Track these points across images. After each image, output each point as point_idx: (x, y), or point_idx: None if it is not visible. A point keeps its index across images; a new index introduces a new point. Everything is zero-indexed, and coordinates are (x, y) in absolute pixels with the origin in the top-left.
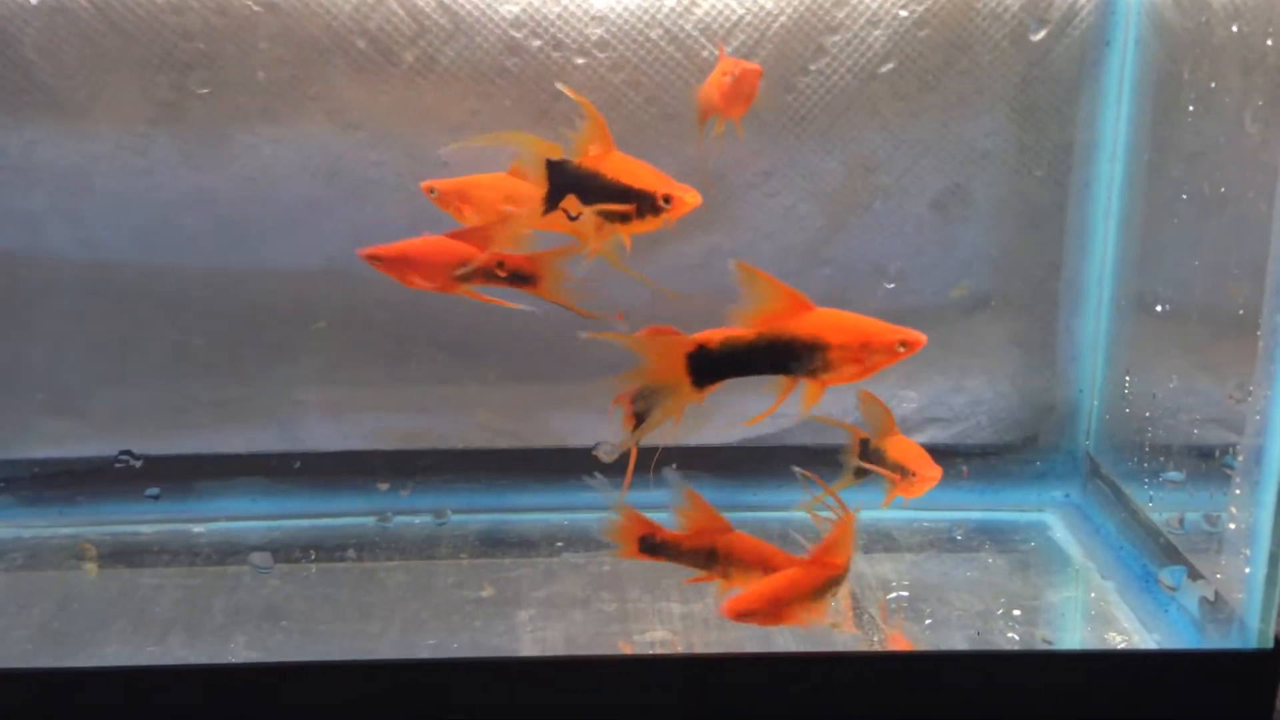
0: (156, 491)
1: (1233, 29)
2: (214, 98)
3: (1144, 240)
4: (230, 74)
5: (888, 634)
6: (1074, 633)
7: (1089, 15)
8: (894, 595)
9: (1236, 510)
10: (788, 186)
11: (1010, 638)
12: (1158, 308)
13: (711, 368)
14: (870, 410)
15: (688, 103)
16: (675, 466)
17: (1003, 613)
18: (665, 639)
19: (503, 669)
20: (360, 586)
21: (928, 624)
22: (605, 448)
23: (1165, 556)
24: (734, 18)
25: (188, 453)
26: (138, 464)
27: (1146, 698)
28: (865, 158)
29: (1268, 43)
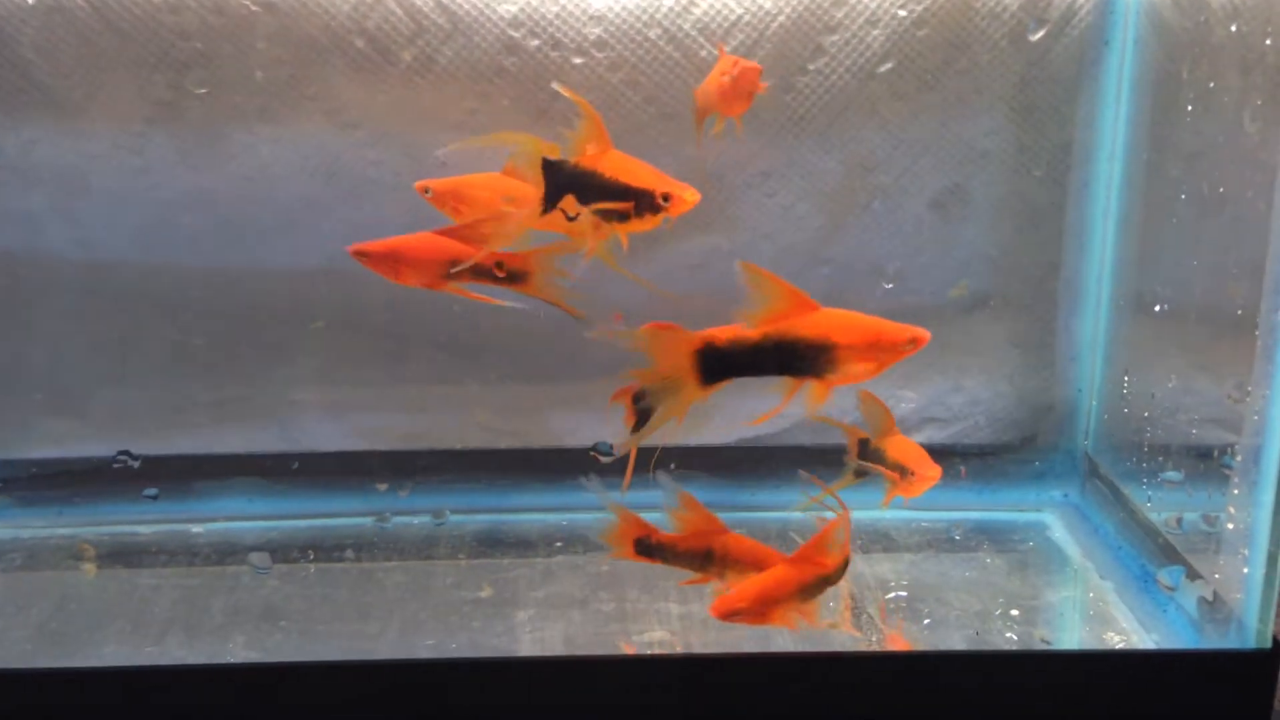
0: (155, 492)
1: (1231, 28)
2: (211, 97)
3: (1143, 240)
4: (228, 73)
5: (886, 634)
6: (1072, 633)
7: (1088, 15)
8: (892, 595)
9: (1235, 510)
10: (786, 186)
11: (1009, 638)
12: (1156, 307)
13: (719, 366)
14: (870, 410)
15: (686, 102)
16: (674, 467)
17: (1001, 613)
18: (664, 639)
19: (501, 669)
20: (359, 587)
21: (926, 624)
22: (604, 446)
23: (1164, 556)
24: (732, 17)
25: (186, 453)
26: (136, 464)
27: (1145, 698)
28: (864, 157)
29: (1266, 42)
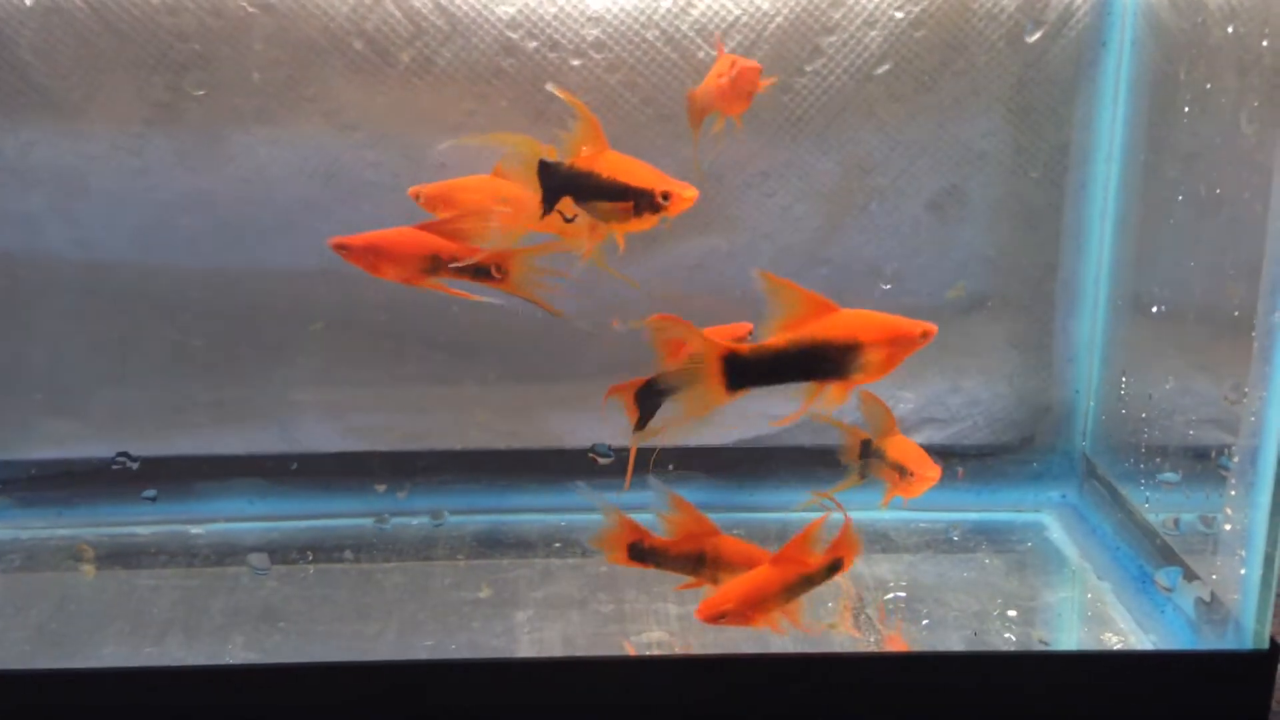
0: (154, 493)
1: (1228, 30)
2: (210, 99)
3: (1140, 241)
4: (226, 75)
5: (885, 635)
6: (1070, 633)
7: (1085, 16)
8: (891, 596)
9: (1232, 511)
10: (784, 187)
11: (1007, 638)
12: (1154, 309)
13: (747, 375)
14: (870, 410)
15: (684, 103)
16: (673, 468)
17: (999, 613)
18: (663, 639)
19: (500, 670)
20: (358, 588)
21: (925, 625)
22: (602, 448)
23: (1161, 557)
24: (730, 19)
25: (186, 454)
26: (135, 465)
27: (1142, 699)
28: (862, 159)
29: (1263, 44)
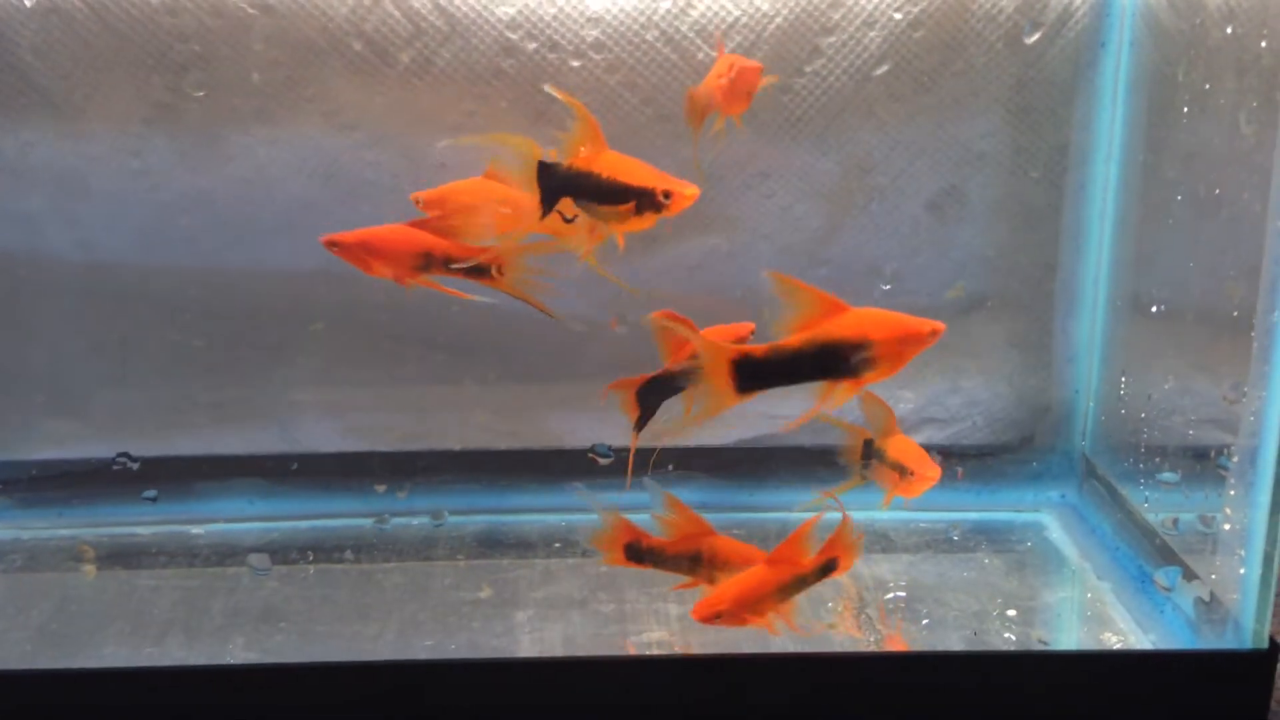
0: (154, 493)
1: (1227, 31)
2: (209, 99)
3: (1139, 241)
4: (226, 76)
5: (885, 634)
6: (1070, 633)
7: (1084, 17)
8: (891, 596)
9: (1231, 511)
10: (784, 188)
11: (1006, 638)
12: (1153, 309)
13: (759, 377)
14: (872, 410)
15: (684, 103)
16: (672, 468)
17: (999, 613)
18: (663, 639)
19: (501, 670)
20: (358, 588)
21: (924, 624)
22: (602, 448)
23: (1160, 557)
24: (730, 19)
25: (186, 454)
26: (135, 466)
27: (1142, 698)
28: (861, 159)
29: (1262, 44)
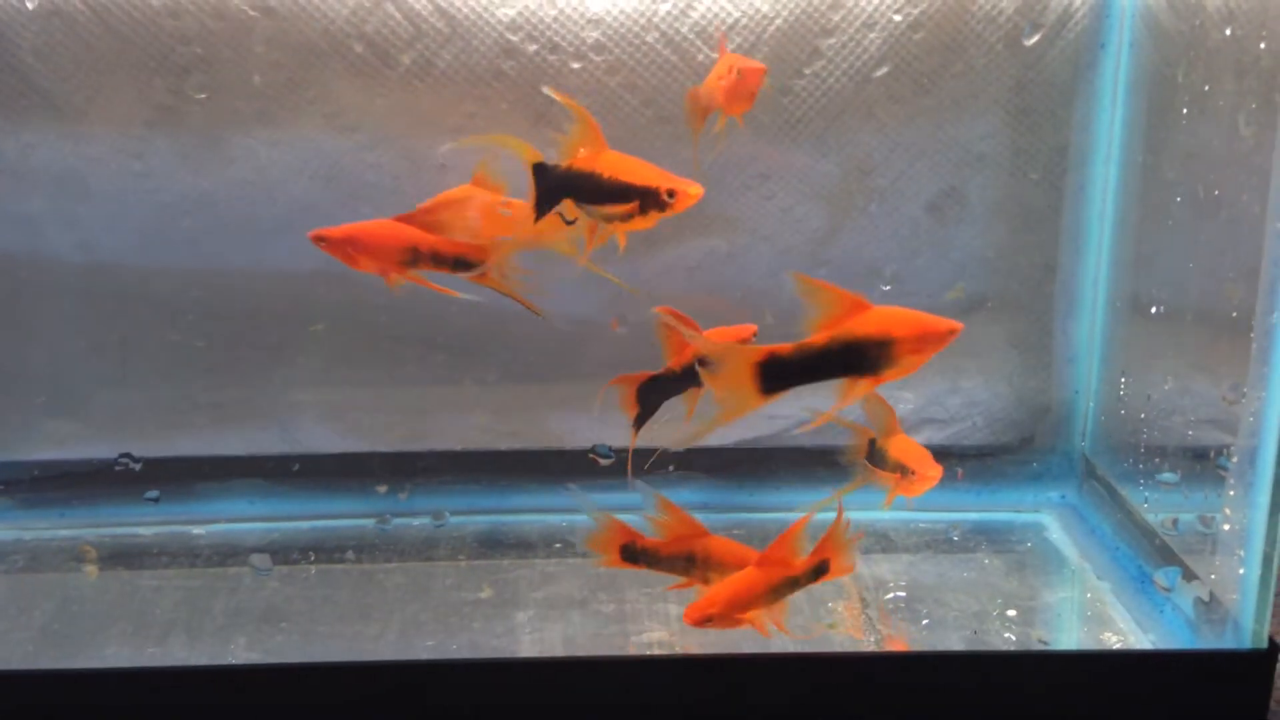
0: (156, 494)
1: (1226, 32)
2: (211, 101)
3: (1139, 242)
4: (227, 77)
5: (885, 635)
6: (1070, 633)
7: (1083, 18)
8: (891, 596)
9: (1231, 511)
10: (784, 189)
11: (1006, 638)
12: (1153, 309)
13: (783, 376)
14: (874, 410)
15: (684, 105)
16: (673, 468)
17: (999, 613)
18: (663, 639)
19: (501, 670)
20: (359, 588)
21: (924, 624)
22: (603, 449)
23: (1160, 557)
24: (730, 21)
25: (187, 455)
26: (137, 466)
27: (1142, 698)
28: (861, 160)
29: (1261, 46)
